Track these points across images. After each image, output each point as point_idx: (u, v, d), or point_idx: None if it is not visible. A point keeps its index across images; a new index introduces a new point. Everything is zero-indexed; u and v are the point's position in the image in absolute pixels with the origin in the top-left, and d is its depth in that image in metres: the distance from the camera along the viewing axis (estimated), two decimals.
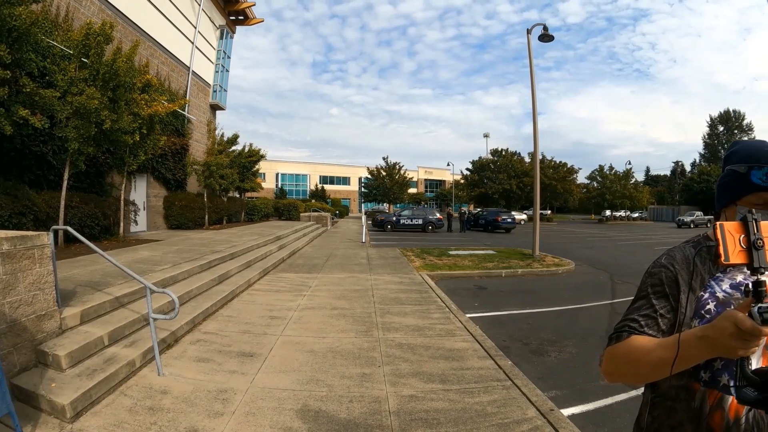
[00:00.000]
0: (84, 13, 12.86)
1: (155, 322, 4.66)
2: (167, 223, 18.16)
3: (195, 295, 7.24)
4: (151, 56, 17.04)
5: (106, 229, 12.23)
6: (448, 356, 5.39)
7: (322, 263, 13.14)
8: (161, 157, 17.43)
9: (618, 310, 8.62)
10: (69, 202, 10.38)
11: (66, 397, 3.58)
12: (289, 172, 77.29)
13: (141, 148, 12.37)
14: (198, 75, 22.44)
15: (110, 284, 6.15)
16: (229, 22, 26.04)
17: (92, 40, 9.68)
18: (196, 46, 21.84)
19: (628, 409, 4.32)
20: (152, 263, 8.49)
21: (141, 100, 11.36)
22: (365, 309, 7.62)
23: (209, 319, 6.58)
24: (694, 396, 1.28)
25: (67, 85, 9.39)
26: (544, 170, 53.74)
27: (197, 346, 5.38)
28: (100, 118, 9.52)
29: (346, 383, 4.43)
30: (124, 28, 15.22)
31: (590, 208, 69.35)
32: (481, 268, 12.93)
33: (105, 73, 9.75)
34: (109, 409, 3.72)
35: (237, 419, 3.63)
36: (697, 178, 75.52)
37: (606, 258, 17.62)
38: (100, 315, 5.17)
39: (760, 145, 1.35)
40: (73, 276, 6.65)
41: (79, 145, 9.63)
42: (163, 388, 4.15)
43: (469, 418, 3.81)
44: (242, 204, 27.52)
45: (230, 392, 4.11)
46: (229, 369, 4.69)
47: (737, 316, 1.01)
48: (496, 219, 33.83)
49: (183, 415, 3.64)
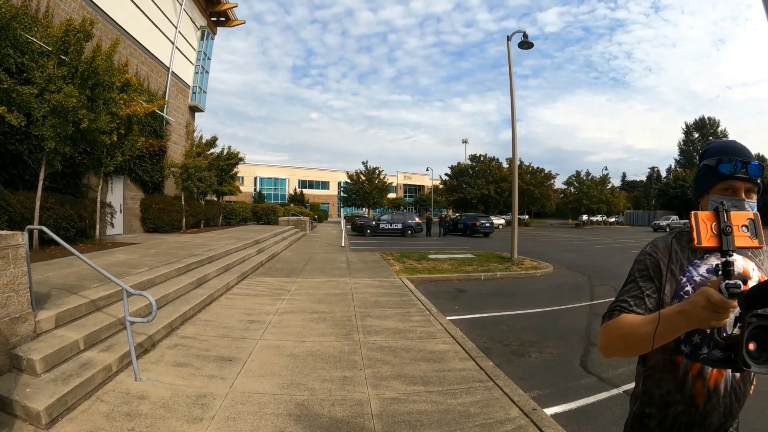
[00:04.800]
0: (64, 10, 12.60)
1: (132, 326, 4.56)
2: (144, 226, 17.86)
3: (173, 298, 7.13)
4: (130, 55, 16.78)
5: (81, 231, 11.97)
6: (429, 358, 5.39)
7: (301, 267, 13.07)
8: (139, 159, 17.13)
9: (596, 311, 8.76)
10: (44, 203, 10.12)
11: (41, 402, 3.48)
12: (267, 176, 76.80)
13: (119, 148, 12.14)
14: (177, 76, 22.16)
15: (86, 287, 6.02)
16: (210, 23, 25.82)
17: (72, 37, 9.47)
18: (177, 47, 21.59)
19: (610, 407, 4.39)
20: (129, 266, 8.34)
21: (120, 100, 11.18)
22: (345, 312, 7.59)
23: (187, 323, 6.47)
24: (678, 368, 1.49)
25: (45, 82, 9.14)
26: (522, 176, 54.49)
27: (175, 351, 5.29)
28: (77, 117, 9.33)
29: (327, 387, 4.40)
30: (105, 26, 14.97)
31: (567, 212, 70.27)
32: (460, 272, 13.00)
33: (84, 71, 9.58)
34: (85, 415, 3.63)
35: (217, 424, 3.56)
36: (672, 183, 77.25)
37: (583, 261, 17.88)
38: (76, 318, 5.07)
39: (728, 143, 1.60)
40: (48, 279, 6.50)
41: (56, 144, 9.40)
42: (141, 393, 4.06)
43: (453, 419, 3.81)
44: (220, 208, 27.22)
45: (209, 397, 4.04)
46: (208, 373, 4.61)
47: (709, 292, 1.19)
48: (475, 223, 34.12)
49: (161, 421, 3.56)
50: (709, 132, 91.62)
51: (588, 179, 62.22)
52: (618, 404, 4.47)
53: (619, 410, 4.32)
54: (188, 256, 10.11)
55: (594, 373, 5.40)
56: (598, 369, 5.52)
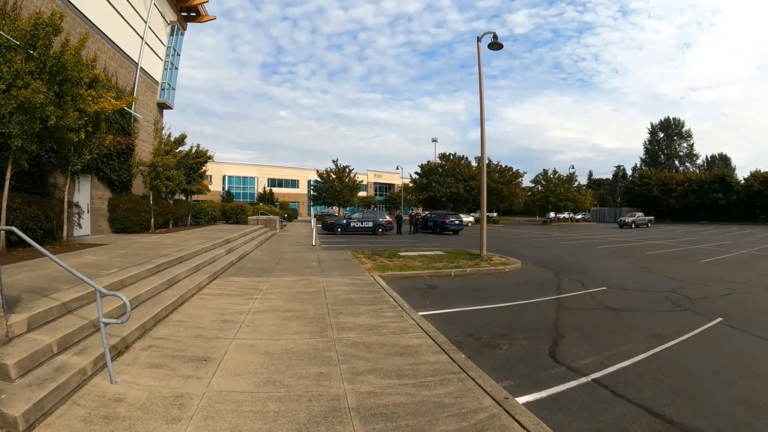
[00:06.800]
0: (33, 2, 12.26)
1: (106, 327, 4.54)
2: (112, 227, 17.48)
3: (144, 299, 7.08)
4: (98, 50, 16.34)
5: (49, 232, 11.65)
6: (403, 353, 5.54)
7: (272, 267, 13.07)
8: (106, 157, 16.76)
9: (564, 304, 9.08)
10: (11, 204, 9.83)
11: (17, 408, 3.44)
12: (236, 174, 75.95)
13: (86, 146, 11.88)
14: (146, 72, 21.73)
15: (56, 289, 5.95)
16: (180, 19, 25.40)
17: (41, 31, 9.21)
18: (146, 42, 21.19)
19: (579, 395, 4.64)
20: (99, 267, 8.23)
21: (88, 96, 10.92)
22: (318, 310, 7.68)
23: (160, 324, 6.46)
24: None
25: (12, 77, 8.87)
26: (490, 174, 55.38)
27: (149, 352, 5.28)
28: (45, 114, 9.12)
29: (303, 383, 4.49)
30: (73, 19, 14.61)
31: (535, 210, 71.64)
32: (431, 269, 13.21)
33: (52, 66, 9.35)
34: (62, 420, 3.61)
35: (196, 424, 3.60)
36: (638, 181, 79.75)
37: (550, 257, 18.32)
38: (48, 321, 5.02)
39: None
40: (17, 282, 6.38)
41: (23, 142, 9.17)
42: (117, 396, 4.05)
43: (428, 410, 3.96)
44: (189, 207, 26.82)
45: (187, 397, 4.07)
46: (184, 374, 4.63)
47: None
48: (445, 221, 34.59)
49: (140, 423, 3.57)
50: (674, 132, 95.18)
51: (555, 178, 63.62)
52: (587, 392, 4.71)
53: (588, 397, 4.57)
54: (158, 257, 10.02)
55: (563, 363, 5.64)
56: (567, 359, 5.77)
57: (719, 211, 67.34)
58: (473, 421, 3.78)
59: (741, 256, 19.52)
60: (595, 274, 13.31)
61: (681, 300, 9.59)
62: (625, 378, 5.11)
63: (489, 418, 3.84)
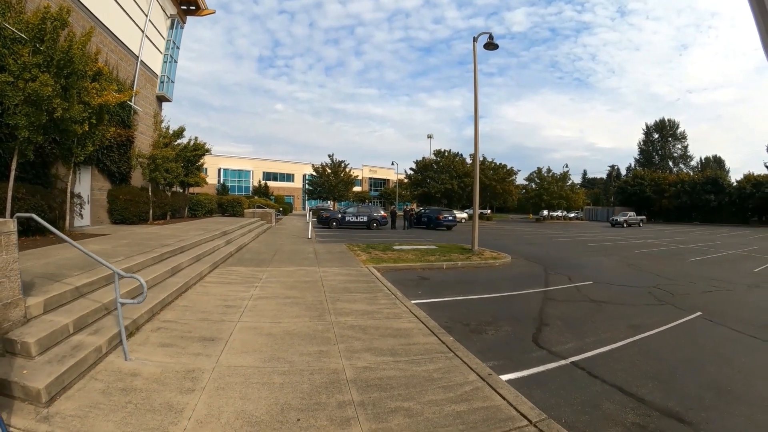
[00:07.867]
0: None
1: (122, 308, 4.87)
2: (111, 218, 17.72)
3: (151, 285, 7.34)
4: (101, 43, 16.48)
5: (51, 222, 11.76)
6: (396, 334, 5.96)
7: (270, 257, 13.39)
8: (107, 149, 17.00)
9: (550, 296, 9.49)
10: (15, 194, 10.02)
11: (40, 382, 3.68)
12: (231, 167, 75.81)
13: (89, 138, 12.07)
14: (146, 65, 21.89)
15: (67, 275, 6.23)
16: (180, 12, 25.53)
17: (49, 25, 9.41)
18: (146, 35, 21.34)
19: (558, 375, 5.05)
20: (105, 256, 8.46)
21: (92, 89, 11.13)
22: (316, 297, 8.05)
23: (167, 309, 6.79)
24: None
25: (19, 70, 9.06)
26: (484, 171, 55.78)
27: (159, 333, 5.61)
28: (51, 106, 9.33)
29: (305, 359, 4.87)
30: (77, 13, 14.75)
31: (528, 208, 72.23)
32: (423, 261, 13.57)
33: (60, 60, 9.55)
34: (82, 393, 3.87)
35: (208, 393, 3.96)
36: (631, 181, 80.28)
37: (540, 253, 18.76)
38: (63, 304, 5.28)
39: None
40: (29, 268, 6.61)
41: (30, 133, 9.39)
42: (133, 371, 4.36)
43: (418, 382, 4.38)
44: (186, 199, 27.00)
45: (198, 371, 4.41)
46: (194, 352, 4.97)
47: None
48: (438, 217, 34.87)
49: (156, 393, 3.90)
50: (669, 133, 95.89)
51: (549, 176, 64.07)
52: (565, 373, 5.13)
53: (566, 378, 4.98)
54: (160, 246, 10.30)
55: (544, 347, 6.06)
56: (548, 344, 6.19)
57: (711, 212, 67.95)
58: (459, 393, 4.18)
59: (728, 255, 19.96)
60: (582, 270, 13.72)
61: (664, 295, 9.99)
62: (602, 362, 5.50)
63: (473, 390, 4.25)
